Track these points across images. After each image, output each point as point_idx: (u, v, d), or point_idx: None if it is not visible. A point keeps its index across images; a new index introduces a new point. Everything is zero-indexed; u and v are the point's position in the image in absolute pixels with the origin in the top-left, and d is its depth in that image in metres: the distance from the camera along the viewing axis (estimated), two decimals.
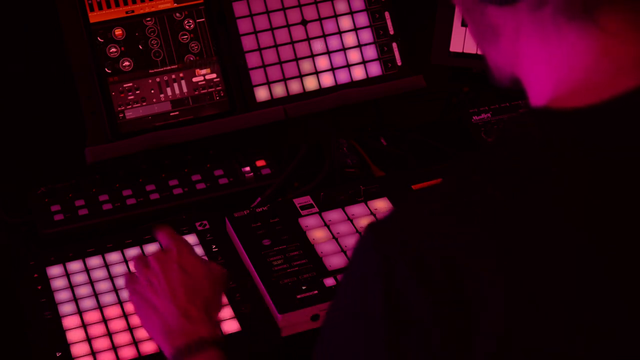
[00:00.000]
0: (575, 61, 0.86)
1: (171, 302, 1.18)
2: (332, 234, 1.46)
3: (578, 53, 0.86)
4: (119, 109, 1.58)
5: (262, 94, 1.65)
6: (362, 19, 1.71)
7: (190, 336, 1.15)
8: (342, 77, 1.68)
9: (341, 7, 1.70)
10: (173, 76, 1.61)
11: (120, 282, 1.40)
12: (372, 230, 0.85)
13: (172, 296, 1.18)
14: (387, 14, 1.71)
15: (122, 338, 1.32)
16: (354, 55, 1.69)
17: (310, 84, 1.67)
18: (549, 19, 0.85)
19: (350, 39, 1.70)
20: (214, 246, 1.46)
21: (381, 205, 1.51)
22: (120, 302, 1.37)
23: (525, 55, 0.89)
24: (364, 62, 1.70)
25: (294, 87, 1.66)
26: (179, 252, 1.23)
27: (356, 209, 1.50)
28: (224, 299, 1.32)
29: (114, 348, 1.31)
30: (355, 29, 1.70)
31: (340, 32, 1.69)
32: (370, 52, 1.70)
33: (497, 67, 0.93)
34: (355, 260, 0.86)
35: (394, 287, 0.80)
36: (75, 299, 1.38)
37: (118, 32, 1.60)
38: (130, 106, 1.59)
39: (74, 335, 1.33)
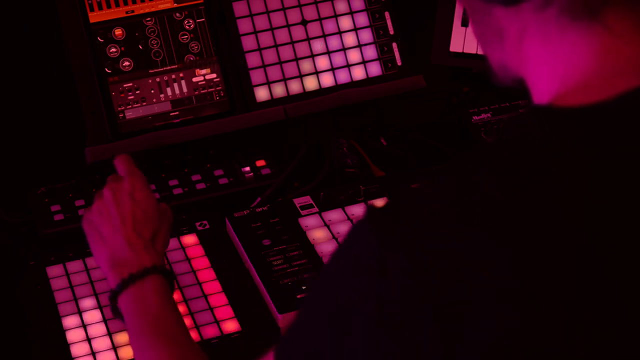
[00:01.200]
0: (578, 61, 0.86)
1: (118, 231, 1.24)
2: (332, 234, 1.46)
3: (581, 53, 0.86)
4: (119, 109, 1.58)
5: (262, 94, 1.65)
6: (362, 19, 1.71)
7: (134, 266, 1.22)
8: (342, 77, 1.68)
9: (341, 7, 1.70)
10: (173, 76, 1.61)
11: None
12: (372, 217, 0.84)
13: (121, 225, 1.25)
14: (387, 14, 1.71)
15: (122, 338, 1.32)
16: (354, 55, 1.69)
17: (310, 84, 1.67)
18: (553, 20, 0.86)
19: (350, 39, 1.70)
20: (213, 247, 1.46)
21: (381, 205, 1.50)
22: None
23: (530, 55, 0.89)
24: (364, 62, 1.70)
25: (294, 87, 1.66)
26: (132, 184, 1.28)
27: (356, 209, 1.50)
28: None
29: (114, 348, 1.31)
30: (355, 29, 1.70)
31: (340, 32, 1.69)
32: (370, 52, 1.70)
33: (500, 67, 0.93)
34: (349, 249, 0.85)
35: (393, 288, 0.80)
36: (75, 299, 1.38)
37: (118, 32, 1.60)
38: (130, 106, 1.59)
39: (74, 335, 1.33)
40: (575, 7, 0.85)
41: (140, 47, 1.61)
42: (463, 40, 1.76)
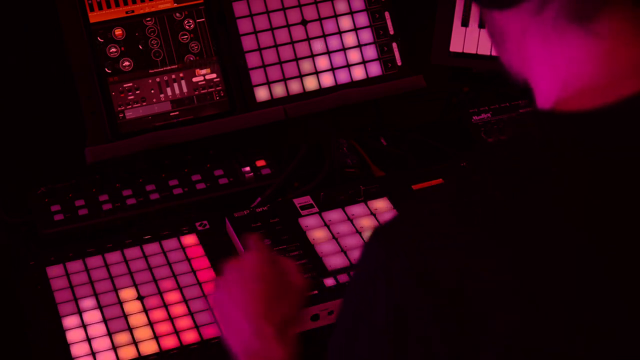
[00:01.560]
0: (579, 65, 0.86)
1: (246, 318, 1.11)
2: (332, 234, 1.46)
3: (581, 56, 0.86)
4: (119, 109, 1.58)
5: (262, 94, 1.65)
6: (362, 19, 1.71)
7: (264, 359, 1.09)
8: (342, 77, 1.68)
9: (341, 7, 1.70)
10: (173, 76, 1.61)
11: (120, 282, 1.40)
12: (375, 234, 0.85)
13: (247, 312, 1.11)
14: (387, 14, 1.71)
15: (122, 338, 1.32)
16: (354, 55, 1.69)
17: (310, 84, 1.67)
18: (550, 23, 0.86)
19: (350, 39, 1.70)
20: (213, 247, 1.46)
21: (381, 205, 1.51)
22: (120, 302, 1.37)
23: (531, 57, 0.90)
24: (364, 62, 1.70)
25: (294, 87, 1.66)
26: (259, 262, 1.15)
27: (356, 209, 1.50)
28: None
29: (114, 348, 1.31)
30: (355, 29, 1.70)
31: (340, 32, 1.69)
32: (370, 52, 1.70)
33: (509, 68, 0.94)
34: (360, 263, 0.87)
35: (396, 291, 0.81)
36: (75, 299, 1.38)
37: (118, 32, 1.60)
38: (130, 106, 1.59)
39: (74, 335, 1.33)
40: (572, 10, 0.85)
41: (140, 47, 1.61)
42: (463, 40, 1.76)
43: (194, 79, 1.62)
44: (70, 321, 1.35)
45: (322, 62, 1.68)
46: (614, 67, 0.85)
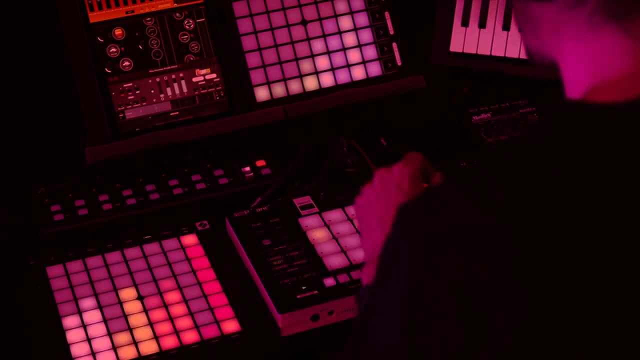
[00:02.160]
0: (610, 59, 0.88)
1: (381, 226, 1.17)
2: (332, 234, 1.46)
3: (614, 52, 0.88)
4: (119, 109, 1.58)
5: (262, 94, 1.65)
6: (362, 19, 1.71)
7: None
8: (342, 77, 1.68)
9: (341, 7, 1.70)
10: (173, 76, 1.61)
11: (120, 282, 1.40)
12: (397, 221, 0.86)
13: (384, 220, 1.17)
14: (387, 14, 1.71)
15: (122, 338, 1.32)
16: (354, 55, 1.69)
17: (310, 84, 1.67)
18: (586, 18, 0.88)
19: (350, 39, 1.70)
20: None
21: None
22: (120, 302, 1.37)
23: (564, 49, 0.91)
24: (364, 62, 1.70)
25: (294, 87, 1.66)
26: (401, 174, 1.22)
27: None
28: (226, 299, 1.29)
29: (114, 348, 1.31)
30: (355, 29, 1.70)
31: (340, 32, 1.69)
32: (370, 52, 1.70)
33: (537, 52, 0.96)
34: (386, 248, 0.88)
35: (412, 277, 0.82)
36: (75, 299, 1.38)
37: (118, 32, 1.60)
38: (130, 106, 1.59)
39: (74, 335, 1.33)
40: (607, 8, 0.87)
41: (140, 47, 1.61)
42: (463, 40, 1.76)
43: (194, 79, 1.62)
44: (70, 321, 1.35)
45: (322, 62, 1.68)
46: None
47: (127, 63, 1.60)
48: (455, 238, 0.81)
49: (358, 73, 1.69)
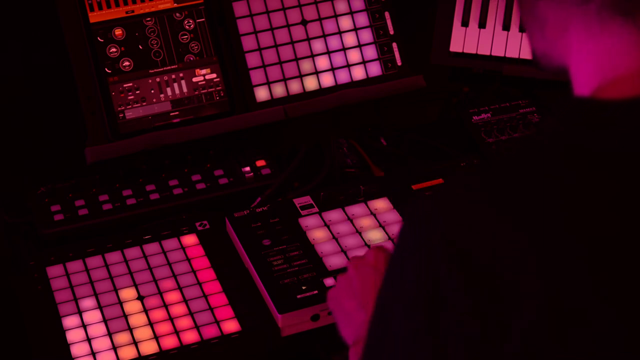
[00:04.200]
0: (619, 56, 0.88)
1: (363, 308, 1.16)
2: (332, 234, 1.46)
3: (623, 48, 0.88)
4: (119, 109, 1.58)
5: (262, 94, 1.65)
6: (362, 19, 1.71)
7: None
8: (342, 77, 1.68)
9: (341, 7, 1.70)
10: (173, 76, 1.61)
11: (120, 282, 1.40)
12: (412, 213, 0.86)
13: (365, 302, 1.16)
14: (387, 14, 1.71)
15: (122, 338, 1.32)
16: (354, 55, 1.69)
17: (310, 84, 1.67)
18: (594, 14, 0.88)
19: (350, 39, 1.70)
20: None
21: (381, 205, 1.51)
22: (120, 302, 1.37)
23: (572, 46, 0.91)
24: (364, 62, 1.70)
25: (294, 87, 1.66)
26: (375, 256, 1.21)
27: (356, 209, 1.50)
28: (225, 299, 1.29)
29: (114, 348, 1.31)
30: (355, 29, 1.70)
31: (340, 32, 1.69)
32: (370, 52, 1.70)
33: (543, 55, 0.96)
34: (400, 241, 0.88)
35: (432, 263, 0.82)
36: (75, 299, 1.38)
37: (118, 32, 1.60)
38: (130, 106, 1.59)
39: (74, 335, 1.33)
40: (615, 4, 0.87)
41: (140, 47, 1.61)
42: (463, 40, 1.76)
43: (194, 79, 1.62)
44: (70, 321, 1.35)
45: (322, 62, 1.68)
46: None
47: (127, 63, 1.60)
48: (471, 230, 0.81)
49: (358, 73, 1.69)
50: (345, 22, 1.70)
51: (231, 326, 1.34)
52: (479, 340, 0.79)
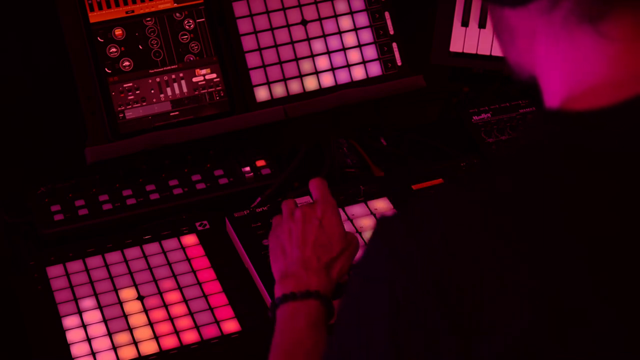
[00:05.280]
0: (588, 65, 0.86)
1: (298, 248, 1.28)
2: None
3: (591, 57, 0.86)
4: (119, 109, 1.58)
5: (262, 94, 1.65)
6: (362, 19, 1.71)
7: (300, 285, 1.24)
8: (342, 77, 1.68)
9: (341, 7, 1.70)
10: (173, 76, 1.61)
11: (120, 282, 1.40)
12: (380, 226, 0.85)
13: (302, 244, 1.28)
14: (387, 14, 1.71)
15: (122, 338, 1.32)
16: (354, 55, 1.69)
17: (310, 84, 1.67)
18: (560, 22, 0.86)
19: (350, 39, 1.70)
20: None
21: (381, 205, 1.51)
22: (120, 302, 1.37)
23: (540, 56, 0.90)
24: (364, 62, 1.70)
25: (294, 87, 1.66)
26: (323, 210, 1.32)
27: (356, 209, 1.50)
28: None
29: (114, 348, 1.31)
30: (355, 29, 1.70)
31: (340, 32, 1.69)
32: (370, 52, 1.70)
33: (516, 65, 0.95)
34: (364, 257, 0.87)
35: (430, 273, 0.81)
36: (75, 299, 1.38)
37: (118, 32, 1.60)
38: (130, 106, 1.59)
39: (74, 335, 1.33)
40: (582, 11, 0.85)
41: (140, 47, 1.61)
42: (463, 40, 1.76)
43: (194, 79, 1.62)
44: (70, 321, 1.35)
45: (322, 62, 1.68)
46: (622, 68, 0.85)
47: (127, 63, 1.60)
48: (470, 230, 0.81)
49: (358, 73, 1.69)
50: (345, 22, 1.70)
51: (231, 326, 1.34)
52: (478, 339, 0.79)
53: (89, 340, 1.32)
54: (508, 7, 0.90)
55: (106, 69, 1.58)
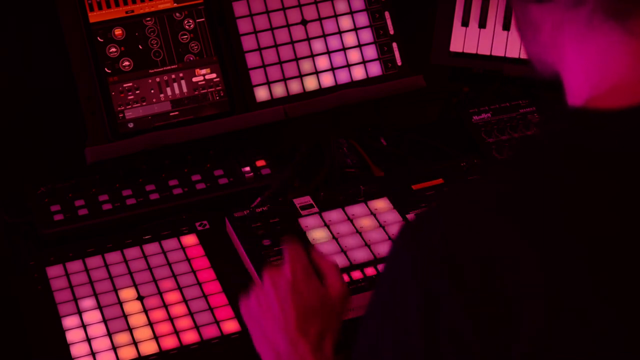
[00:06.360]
0: (613, 62, 0.86)
1: (282, 330, 1.11)
2: (332, 234, 1.46)
3: (616, 54, 0.86)
4: (119, 109, 1.58)
5: (262, 94, 1.65)
6: (362, 19, 1.71)
7: None
8: (342, 77, 1.68)
9: (341, 7, 1.70)
10: (173, 76, 1.61)
11: (120, 282, 1.40)
12: (403, 232, 0.85)
13: (284, 323, 1.12)
14: (387, 14, 1.71)
15: (122, 338, 1.32)
16: (354, 55, 1.69)
17: (310, 84, 1.67)
18: (586, 18, 0.86)
19: (350, 39, 1.70)
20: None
21: (381, 205, 1.51)
22: (119, 302, 1.37)
23: (564, 52, 0.89)
24: (364, 62, 1.70)
25: (294, 87, 1.66)
26: (294, 274, 1.14)
27: (356, 209, 1.50)
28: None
29: (114, 348, 1.31)
30: (355, 29, 1.70)
31: (340, 32, 1.69)
32: (370, 52, 1.70)
33: (538, 61, 0.94)
34: (389, 264, 0.87)
35: (427, 290, 0.81)
36: (75, 299, 1.38)
37: (118, 32, 1.60)
38: (130, 106, 1.59)
39: (74, 335, 1.33)
40: (608, 7, 0.85)
41: (140, 47, 1.61)
42: (463, 40, 1.76)
43: (194, 79, 1.62)
44: (70, 321, 1.35)
45: (322, 62, 1.68)
46: None
47: (127, 63, 1.60)
48: (471, 230, 0.80)
49: (358, 73, 1.69)
50: (345, 22, 1.70)
51: (231, 326, 1.34)
52: (485, 341, 0.79)
53: (88, 340, 1.32)
54: (533, 1, 0.89)
55: (106, 69, 1.58)
